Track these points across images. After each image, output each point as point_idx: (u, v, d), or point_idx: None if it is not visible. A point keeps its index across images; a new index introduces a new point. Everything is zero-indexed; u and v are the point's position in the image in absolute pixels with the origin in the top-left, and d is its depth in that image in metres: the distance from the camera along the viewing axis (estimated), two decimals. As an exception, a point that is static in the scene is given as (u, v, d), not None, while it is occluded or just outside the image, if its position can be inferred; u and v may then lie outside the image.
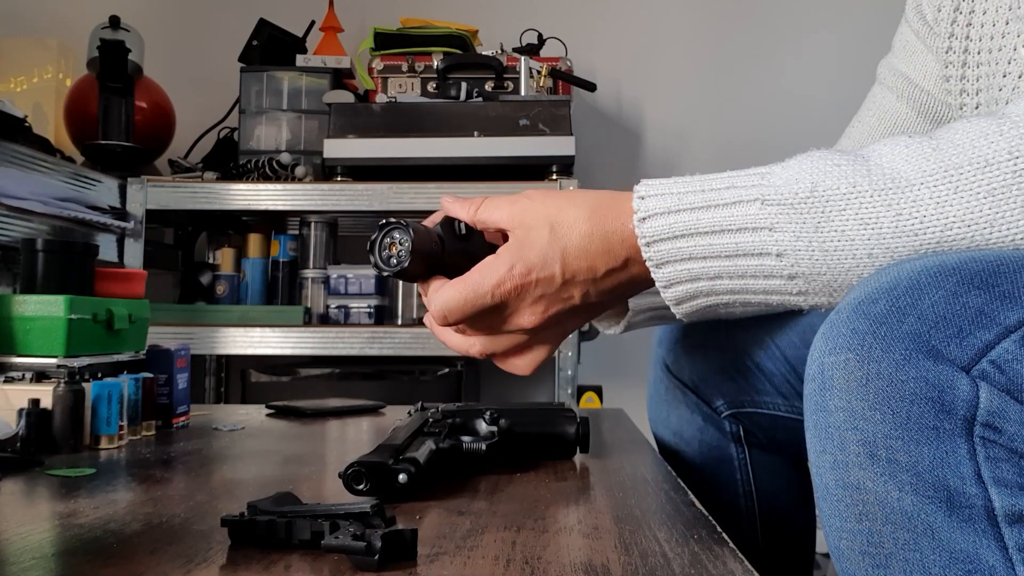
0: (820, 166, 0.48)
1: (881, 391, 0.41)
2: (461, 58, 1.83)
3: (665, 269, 0.52)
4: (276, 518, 0.47)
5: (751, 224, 0.49)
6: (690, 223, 0.51)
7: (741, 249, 0.49)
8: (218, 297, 1.84)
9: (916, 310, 0.42)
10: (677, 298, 0.53)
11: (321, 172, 1.77)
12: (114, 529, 0.51)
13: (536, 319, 0.55)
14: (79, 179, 1.55)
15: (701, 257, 0.51)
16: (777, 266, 0.49)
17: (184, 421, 0.97)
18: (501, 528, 0.52)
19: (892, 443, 0.41)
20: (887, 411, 0.41)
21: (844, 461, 0.43)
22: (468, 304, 0.55)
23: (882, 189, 0.46)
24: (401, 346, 1.64)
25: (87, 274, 0.94)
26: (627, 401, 1.37)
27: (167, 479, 0.67)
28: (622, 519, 0.54)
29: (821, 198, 0.47)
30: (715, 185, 0.51)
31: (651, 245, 0.52)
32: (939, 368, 0.41)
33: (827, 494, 0.44)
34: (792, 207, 0.48)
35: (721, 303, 0.53)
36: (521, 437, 0.74)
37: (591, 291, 0.55)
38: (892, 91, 0.78)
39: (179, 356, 0.96)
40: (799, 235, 0.48)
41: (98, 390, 0.81)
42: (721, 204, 0.50)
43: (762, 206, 0.48)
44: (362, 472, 0.57)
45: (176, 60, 2.14)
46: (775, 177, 0.49)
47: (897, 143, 0.48)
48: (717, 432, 0.87)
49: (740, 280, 0.51)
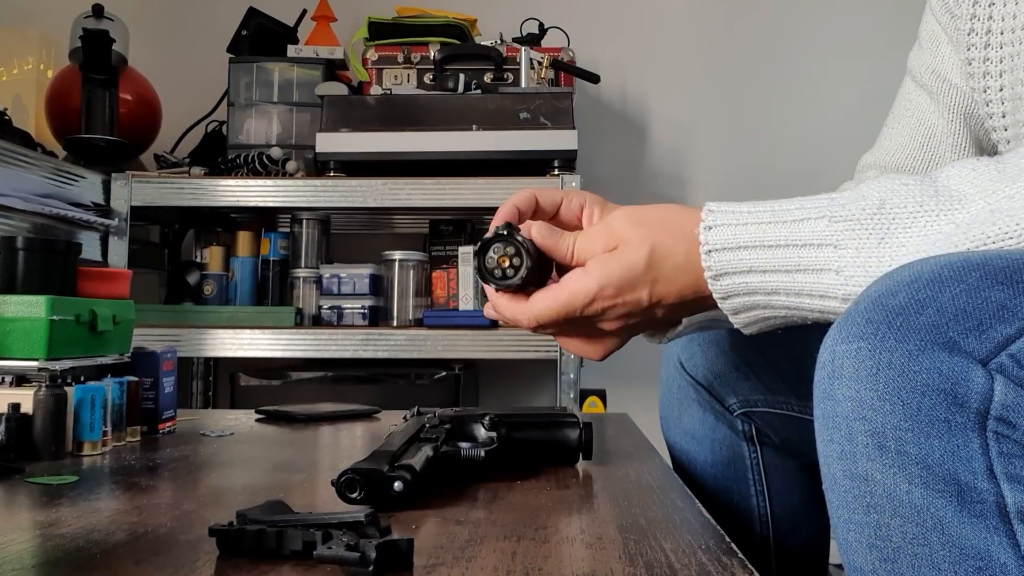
0: (889, 185, 0.51)
1: (892, 381, 0.42)
2: (459, 48, 1.83)
3: (723, 281, 0.56)
4: (266, 527, 0.47)
5: (816, 240, 0.52)
6: (756, 235, 0.54)
7: (803, 264, 0.52)
8: (206, 297, 1.84)
9: (936, 302, 0.42)
10: (735, 309, 0.57)
11: (313, 167, 1.77)
12: (97, 539, 0.51)
13: (616, 327, 0.62)
14: (61, 174, 1.55)
15: (761, 270, 0.54)
16: (834, 285, 0.51)
17: (170, 427, 0.97)
18: (500, 538, 0.52)
19: (901, 434, 0.42)
20: (897, 401, 0.42)
21: (852, 451, 0.43)
22: (560, 317, 0.61)
23: (948, 209, 0.49)
24: (396, 348, 1.64)
25: (69, 274, 0.94)
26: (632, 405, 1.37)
27: (153, 487, 0.67)
28: (627, 529, 0.54)
29: (888, 215, 0.50)
30: (784, 205, 0.55)
31: (712, 254, 0.55)
32: (954, 360, 0.41)
33: (834, 484, 0.45)
34: (859, 222, 0.51)
35: (778, 316, 0.56)
36: (521, 443, 0.74)
37: (673, 311, 0.61)
38: (924, 89, 0.81)
39: (165, 359, 0.96)
40: (860, 249, 0.50)
41: (81, 394, 0.81)
42: (789, 221, 0.54)
43: (829, 223, 0.52)
44: (356, 480, 0.57)
45: (162, 50, 2.14)
46: (843, 198, 0.52)
47: (965, 166, 0.51)
48: (729, 431, 0.88)
49: (796, 298, 0.53)
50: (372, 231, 2.12)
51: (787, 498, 0.88)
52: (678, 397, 0.91)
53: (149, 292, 1.98)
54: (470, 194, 1.62)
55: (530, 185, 1.63)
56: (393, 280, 1.76)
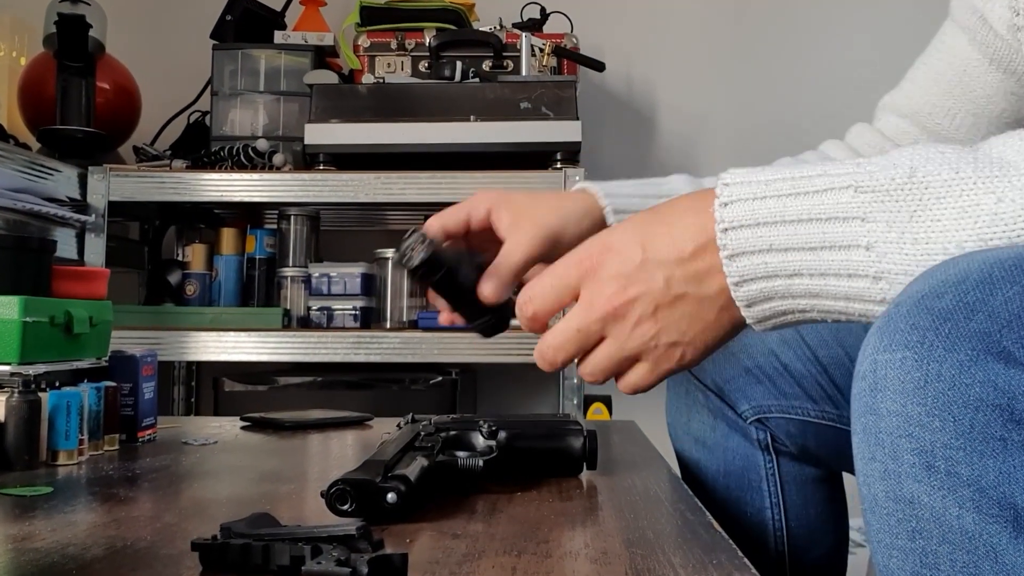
0: (923, 152, 0.49)
1: (941, 395, 0.40)
2: (456, 35, 1.83)
3: (740, 261, 0.53)
4: (252, 541, 0.47)
5: (842, 213, 0.49)
6: (775, 210, 0.51)
7: (827, 240, 0.50)
8: (188, 298, 1.84)
9: (987, 306, 0.41)
10: (750, 298, 0.54)
11: (302, 160, 1.77)
12: (73, 554, 0.51)
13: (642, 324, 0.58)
14: (34, 168, 1.55)
15: (781, 249, 0.51)
16: (864, 262, 0.49)
17: (151, 435, 0.97)
18: (500, 553, 0.52)
19: (952, 454, 0.40)
20: (947, 418, 0.40)
21: (896, 471, 0.42)
22: (557, 287, 0.60)
23: (987, 176, 0.46)
24: (390, 352, 1.64)
25: (43, 273, 0.94)
26: (639, 412, 1.37)
27: (132, 499, 0.67)
28: (633, 543, 0.54)
29: (920, 184, 0.47)
30: (806, 172, 0.52)
31: (728, 232, 0.53)
32: (1010, 372, 0.40)
33: (876, 506, 0.44)
34: (888, 194, 0.48)
35: (797, 308, 0.53)
36: (522, 452, 0.74)
37: (676, 275, 0.56)
38: (965, 32, 0.80)
39: (145, 363, 0.96)
40: (891, 224, 0.48)
41: (56, 400, 0.81)
42: (812, 191, 0.51)
43: (855, 193, 0.49)
44: (347, 491, 0.57)
45: (142, 36, 2.14)
46: (872, 164, 0.50)
47: (1012, 136, 0.48)
48: (743, 439, 0.88)
49: (821, 280, 0.51)
50: (364, 228, 2.12)
51: (804, 511, 0.88)
52: (686, 403, 0.91)
53: (128, 292, 1.98)
54: (468, 189, 1.62)
55: (530, 179, 1.64)
56: (386, 280, 1.76)
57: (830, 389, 0.83)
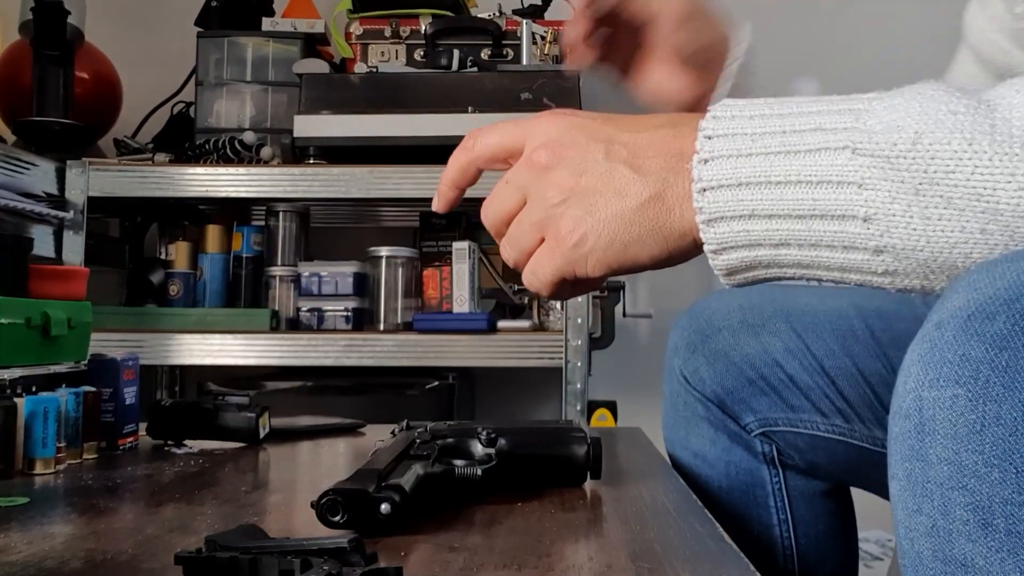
0: (931, 110, 0.44)
1: (1001, 441, 0.37)
2: (453, 21, 1.83)
3: (719, 227, 0.49)
4: (239, 555, 0.47)
5: (836, 177, 0.45)
6: (760, 169, 0.47)
7: (819, 208, 0.46)
8: (171, 299, 1.84)
9: None
10: (729, 267, 0.50)
11: (291, 154, 1.77)
12: (51, 567, 0.51)
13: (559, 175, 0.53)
14: (10, 162, 1.55)
15: (766, 215, 0.47)
16: (863, 235, 0.45)
17: (132, 442, 0.97)
18: (499, 566, 0.52)
19: (1014, 510, 0.37)
20: (1009, 468, 0.37)
21: (947, 528, 0.39)
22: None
23: (1006, 154, 0.42)
24: (383, 355, 1.64)
25: (19, 272, 0.94)
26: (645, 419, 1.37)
27: (112, 509, 0.67)
28: (640, 556, 0.54)
29: (926, 153, 0.43)
30: (799, 125, 0.48)
31: (707, 192, 0.49)
32: None
33: (920, 566, 0.41)
34: (888, 160, 0.44)
35: (785, 276, 0.50)
36: (523, 460, 0.74)
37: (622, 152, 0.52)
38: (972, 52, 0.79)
39: (126, 367, 0.96)
40: (895, 196, 0.44)
41: (32, 406, 0.81)
42: (803, 151, 0.47)
43: (852, 156, 0.45)
44: (338, 501, 0.57)
45: (123, 24, 2.14)
46: (873, 119, 0.45)
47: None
48: (747, 453, 0.87)
49: (812, 251, 0.47)
50: (356, 225, 2.12)
51: (813, 527, 0.88)
52: (684, 415, 0.91)
53: (108, 292, 1.98)
54: (465, 183, 1.62)
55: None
56: (379, 279, 1.76)
57: (839, 402, 0.83)
